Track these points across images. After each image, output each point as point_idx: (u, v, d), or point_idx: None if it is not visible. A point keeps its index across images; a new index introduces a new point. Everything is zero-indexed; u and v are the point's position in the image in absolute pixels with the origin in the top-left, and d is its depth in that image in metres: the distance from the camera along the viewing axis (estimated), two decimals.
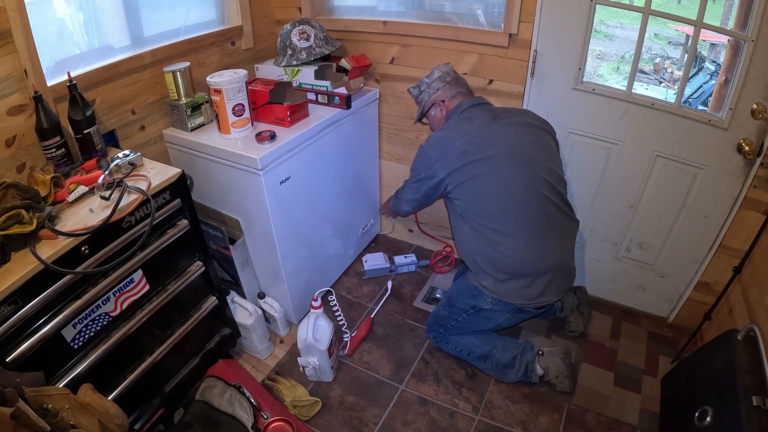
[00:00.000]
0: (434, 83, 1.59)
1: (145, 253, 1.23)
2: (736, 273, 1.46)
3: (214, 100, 1.48)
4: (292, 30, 1.71)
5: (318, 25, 1.78)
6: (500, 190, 1.42)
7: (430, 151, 1.49)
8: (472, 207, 1.47)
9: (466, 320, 1.61)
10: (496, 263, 1.46)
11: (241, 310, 1.67)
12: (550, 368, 1.59)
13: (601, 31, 3.13)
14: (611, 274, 1.90)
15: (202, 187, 1.64)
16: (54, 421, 0.92)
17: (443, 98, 1.58)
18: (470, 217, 1.48)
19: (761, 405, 1.06)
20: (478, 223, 1.46)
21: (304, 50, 1.69)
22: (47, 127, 1.21)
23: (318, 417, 1.55)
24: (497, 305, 1.52)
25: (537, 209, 1.43)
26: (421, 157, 1.53)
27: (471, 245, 1.52)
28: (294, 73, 1.76)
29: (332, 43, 1.79)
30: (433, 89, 1.59)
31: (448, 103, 1.58)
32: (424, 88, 1.61)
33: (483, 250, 1.48)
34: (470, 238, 1.51)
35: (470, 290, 1.57)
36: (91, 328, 1.16)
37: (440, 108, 1.60)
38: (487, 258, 1.48)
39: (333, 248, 2.02)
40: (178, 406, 1.52)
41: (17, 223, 1.01)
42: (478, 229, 1.47)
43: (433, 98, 1.60)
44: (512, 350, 1.62)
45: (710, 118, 1.45)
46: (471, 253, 1.53)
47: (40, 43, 1.21)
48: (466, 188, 1.45)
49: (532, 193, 1.42)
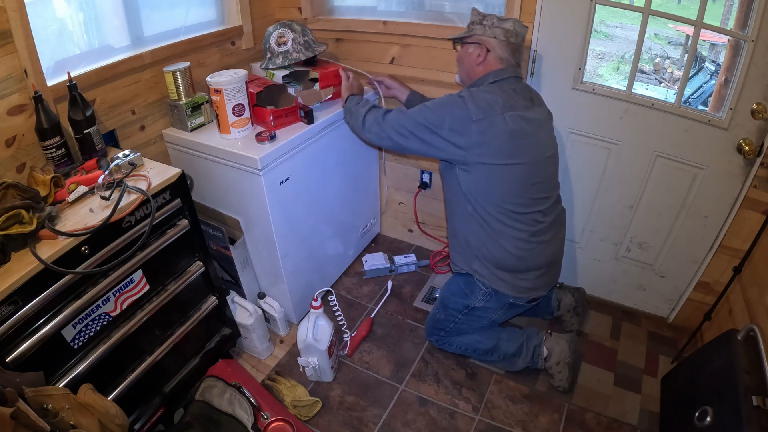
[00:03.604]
0: (498, 29, 1.36)
1: (145, 253, 1.23)
2: (736, 273, 1.46)
3: (214, 100, 1.48)
4: (272, 33, 1.67)
5: (301, 29, 1.68)
6: (526, 183, 1.35)
7: (472, 107, 1.28)
8: (487, 191, 1.35)
9: (462, 321, 1.61)
10: (490, 256, 1.44)
11: (241, 310, 1.67)
12: (554, 350, 1.58)
13: (601, 31, 3.13)
14: (611, 274, 1.90)
15: (202, 187, 1.64)
16: (54, 421, 0.92)
17: (491, 48, 1.38)
18: (478, 200, 1.38)
19: (761, 405, 1.06)
20: (486, 210, 1.38)
21: (281, 54, 1.65)
22: (47, 127, 1.21)
23: (318, 417, 1.55)
24: (489, 302, 1.51)
25: (548, 207, 1.42)
26: (456, 107, 1.31)
27: (469, 228, 1.44)
28: (270, 76, 1.73)
29: (313, 48, 1.69)
30: (492, 33, 1.37)
31: (492, 61, 1.39)
32: (487, 23, 1.37)
33: (481, 237, 1.43)
34: (470, 222, 1.43)
35: (461, 289, 1.57)
36: (91, 328, 1.16)
37: (480, 53, 1.39)
38: (482, 246, 1.44)
39: (333, 248, 2.02)
40: (178, 406, 1.52)
41: (17, 223, 1.01)
42: (483, 215, 1.39)
43: (483, 39, 1.38)
44: (517, 339, 1.62)
45: (710, 118, 1.45)
46: (466, 235, 1.47)
47: (40, 43, 1.21)
48: (492, 170, 1.31)
49: (550, 189, 1.42)
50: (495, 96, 1.32)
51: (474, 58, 1.41)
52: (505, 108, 1.30)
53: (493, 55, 1.39)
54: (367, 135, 1.50)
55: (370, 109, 1.50)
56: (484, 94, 1.33)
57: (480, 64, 1.41)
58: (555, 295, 1.80)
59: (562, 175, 1.77)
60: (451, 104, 1.33)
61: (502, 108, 1.29)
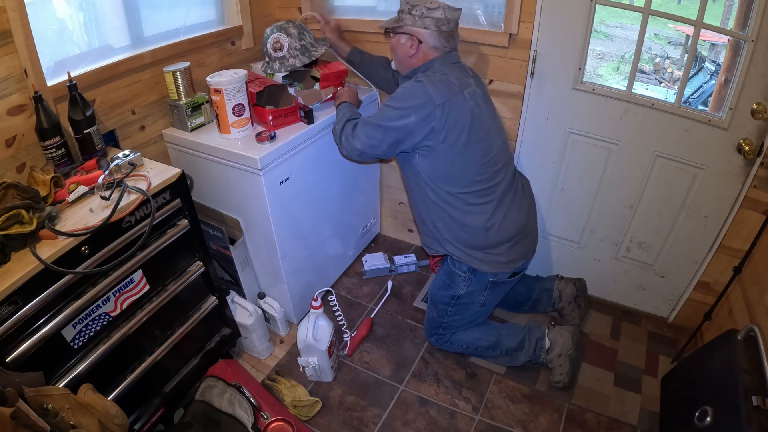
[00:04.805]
0: (427, 20, 1.35)
1: (145, 253, 1.23)
2: (736, 273, 1.46)
3: (214, 100, 1.48)
4: (269, 37, 1.64)
5: (298, 32, 1.64)
6: (484, 160, 1.36)
7: (433, 91, 1.27)
8: (449, 174, 1.35)
9: (453, 312, 1.61)
10: (459, 237, 1.45)
11: (241, 310, 1.67)
12: (557, 342, 1.59)
13: (601, 31, 3.12)
14: (611, 274, 1.90)
15: (202, 187, 1.64)
16: (54, 421, 0.92)
17: (422, 39, 1.37)
18: (439, 185, 1.37)
19: (761, 405, 1.06)
20: (448, 193, 1.38)
21: (278, 60, 1.64)
22: (47, 127, 1.21)
23: (318, 417, 1.55)
24: (471, 285, 1.52)
25: (504, 177, 1.44)
26: (416, 93, 1.29)
27: (434, 213, 1.45)
28: (271, 76, 1.72)
29: (311, 52, 1.65)
30: (422, 24, 1.36)
31: (425, 52, 1.39)
32: (416, 12, 1.36)
33: (446, 221, 1.44)
34: (434, 208, 1.44)
35: (443, 282, 1.58)
36: (91, 328, 1.16)
37: (412, 45, 1.39)
38: (450, 229, 1.46)
39: (333, 248, 2.02)
40: (178, 406, 1.52)
41: (17, 223, 1.01)
42: (445, 198, 1.39)
43: (414, 30, 1.38)
44: (519, 333, 1.63)
45: (710, 118, 1.45)
46: (433, 220, 1.47)
47: (40, 43, 1.21)
48: (455, 151, 1.30)
49: (503, 159, 1.43)
50: (449, 76, 1.33)
51: (407, 50, 1.41)
52: (462, 86, 1.31)
53: (426, 47, 1.39)
54: (344, 152, 1.49)
55: (345, 125, 1.47)
56: (441, 76, 1.33)
57: (413, 56, 1.41)
58: (556, 286, 1.80)
59: (562, 175, 1.77)
60: (409, 92, 1.32)
61: (459, 86, 1.30)
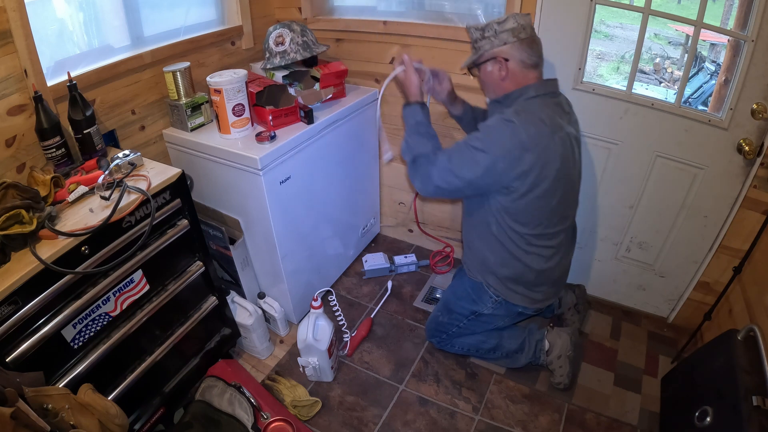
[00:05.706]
0: (503, 34, 1.26)
1: (145, 253, 1.23)
2: (736, 273, 1.46)
3: (214, 100, 1.48)
4: (272, 33, 1.67)
5: (300, 29, 1.67)
6: (560, 205, 1.33)
7: (525, 136, 1.19)
8: (522, 215, 1.30)
9: (467, 326, 1.61)
10: (508, 273, 1.43)
11: (241, 310, 1.67)
12: (556, 343, 1.59)
13: (601, 31, 3.12)
14: (611, 274, 1.90)
15: (202, 187, 1.64)
16: (54, 421, 0.92)
17: (508, 57, 1.28)
18: (507, 222, 1.32)
19: (761, 405, 1.06)
20: (514, 231, 1.33)
21: (279, 54, 1.65)
22: (47, 127, 1.21)
23: (318, 417, 1.55)
24: (498, 309, 1.52)
25: (570, 223, 1.45)
26: (506, 138, 1.20)
27: (488, 245, 1.41)
28: (271, 76, 1.73)
29: (312, 49, 1.68)
30: (500, 41, 1.27)
31: (517, 71, 1.29)
32: (489, 34, 1.28)
33: (501, 255, 1.40)
34: (491, 240, 1.39)
35: (468, 294, 1.56)
36: (91, 328, 1.16)
37: (501, 67, 1.29)
38: (501, 263, 1.42)
39: (333, 248, 2.02)
40: (178, 406, 1.52)
41: (17, 223, 1.01)
42: (509, 235, 1.34)
43: (496, 51, 1.29)
44: (519, 335, 1.63)
45: (710, 118, 1.45)
46: (483, 251, 1.44)
47: (40, 43, 1.21)
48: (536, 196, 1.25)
49: (574, 206, 1.44)
50: (541, 114, 1.23)
51: (497, 75, 1.31)
52: (554, 128, 1.22)
53: (514, 63, 1.29)
54: (422, 188, 1.35)
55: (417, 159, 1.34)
56: (530, 115, 1.23)
57: (505, 79, 1.31)
58: None
59: None
60: (500, 137, 1.22)
61: (551, 128, 1.22)
